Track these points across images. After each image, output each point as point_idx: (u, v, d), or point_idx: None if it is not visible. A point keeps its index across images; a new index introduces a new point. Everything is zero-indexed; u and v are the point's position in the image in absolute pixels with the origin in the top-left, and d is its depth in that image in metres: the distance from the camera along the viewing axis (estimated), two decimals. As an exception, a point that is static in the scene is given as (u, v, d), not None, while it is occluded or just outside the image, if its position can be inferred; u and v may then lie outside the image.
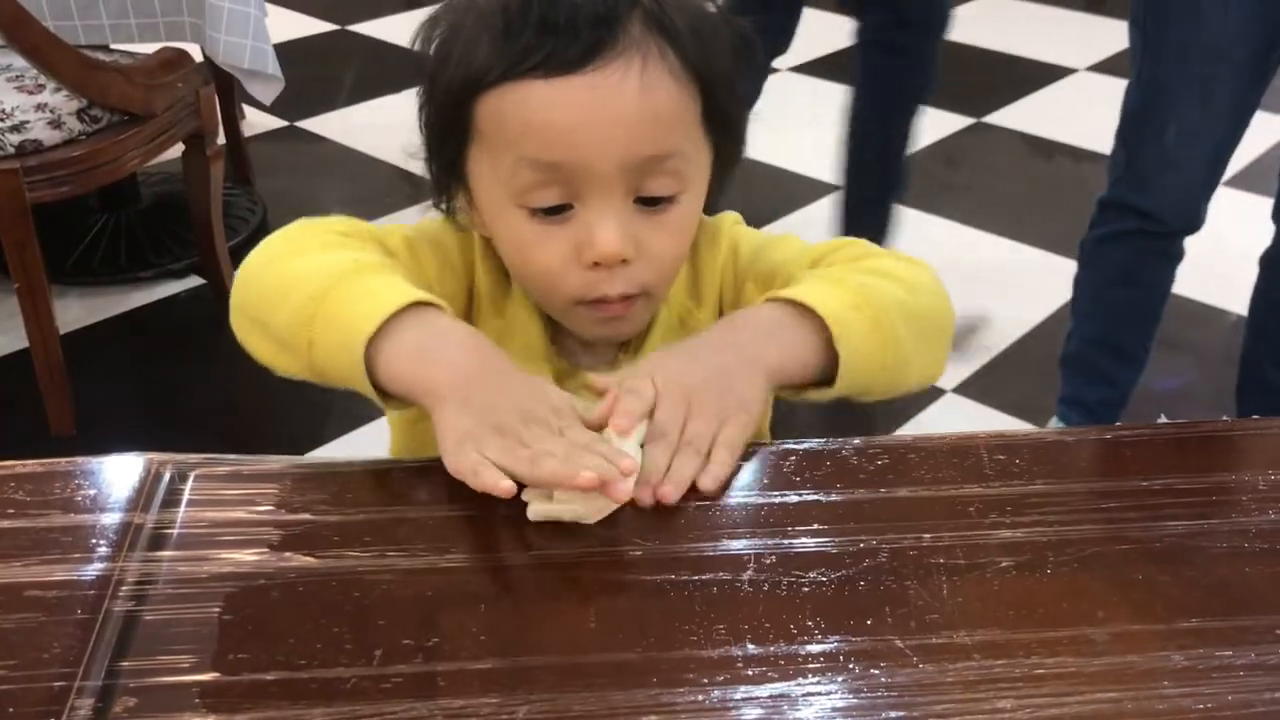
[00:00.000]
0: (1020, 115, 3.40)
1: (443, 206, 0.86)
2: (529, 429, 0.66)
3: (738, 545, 0.63)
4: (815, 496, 0.67)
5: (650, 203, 0.78)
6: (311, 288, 0.72)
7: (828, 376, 0.76)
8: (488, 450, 0.64)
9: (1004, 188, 3.05)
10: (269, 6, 2.17)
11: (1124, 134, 1.72)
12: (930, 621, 0.58)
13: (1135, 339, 1.87)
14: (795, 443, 0.71)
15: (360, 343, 0.69)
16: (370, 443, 1.96)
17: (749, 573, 0.61)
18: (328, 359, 0.71)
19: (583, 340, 0.87)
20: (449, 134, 0.80)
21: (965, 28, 4.04)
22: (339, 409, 2.12)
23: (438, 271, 0.85)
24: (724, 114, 0.81)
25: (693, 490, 0.67)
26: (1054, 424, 1.96)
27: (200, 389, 2.18)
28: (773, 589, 0.60)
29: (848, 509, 0.66)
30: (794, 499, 0.67)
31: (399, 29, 3.86)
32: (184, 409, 2.13)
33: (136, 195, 2.59)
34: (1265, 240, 1.86)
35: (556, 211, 0.77)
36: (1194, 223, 1.73)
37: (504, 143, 0.76)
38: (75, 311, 2.32)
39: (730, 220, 0.93)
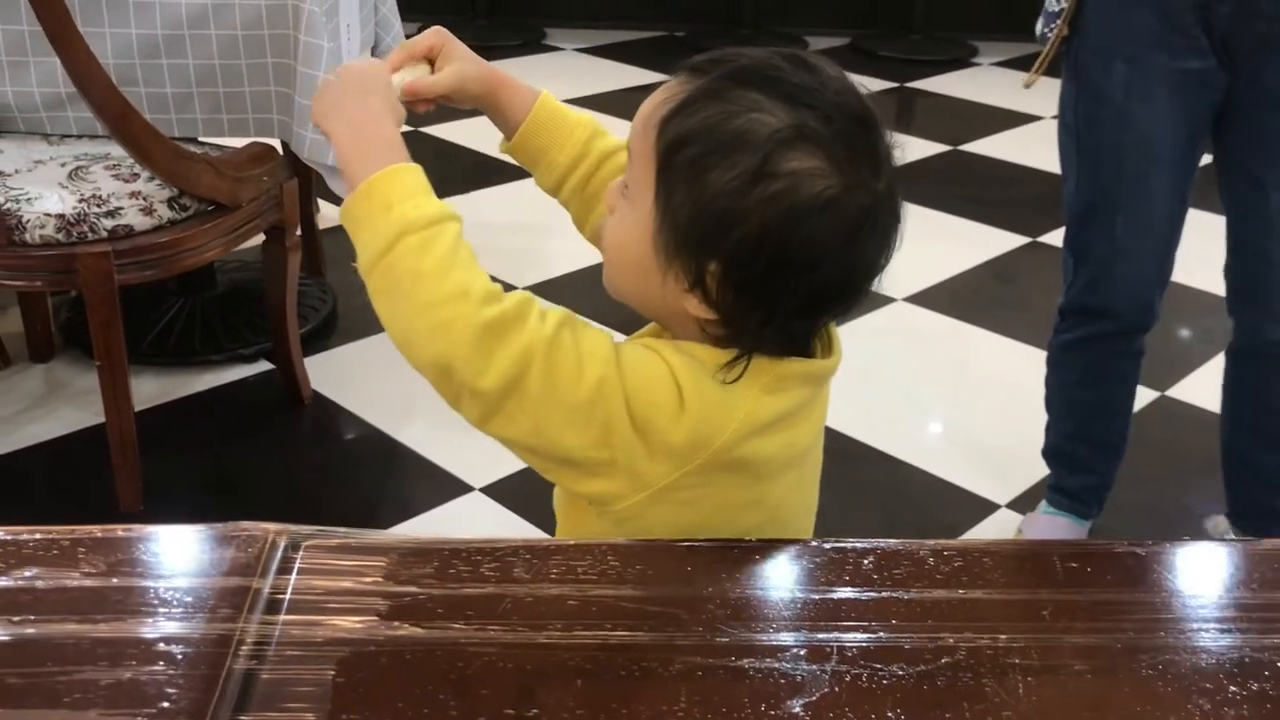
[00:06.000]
0: (1074, 237, 3.43)
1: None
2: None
3: (821, 636, 0.66)
4: (894, 594, 0.69)
5: None
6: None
7: None
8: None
9: (1055, 306, 3.08)
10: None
11: (1072, 239, 1.81)
12: (1006, 718, 0.60)
13: (1108, 431, 1.96)
14: (869, 542, 0.74)
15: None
16: (425, 526, 2.00)
17: (832, 663, 0.64)
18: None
19: None
20: None
21: (1020, 149, 4.13)
22: (393, 494, 2.17)
23: None
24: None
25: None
26: (1042, 509, 2.03)
27: (265, 471, 2.24)
28: (854, 680, 0.62)
29: (926, 607, 0.68)
30: (871, 595, 0.69)
31: (468, 132, 3.98)
32: (247, 490, 2.18)
33: (213, 281, 2.67)
34: None
35: None
36: (1148, 317, 1.80)
37: None
38: (148, 390, 2.39)
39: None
